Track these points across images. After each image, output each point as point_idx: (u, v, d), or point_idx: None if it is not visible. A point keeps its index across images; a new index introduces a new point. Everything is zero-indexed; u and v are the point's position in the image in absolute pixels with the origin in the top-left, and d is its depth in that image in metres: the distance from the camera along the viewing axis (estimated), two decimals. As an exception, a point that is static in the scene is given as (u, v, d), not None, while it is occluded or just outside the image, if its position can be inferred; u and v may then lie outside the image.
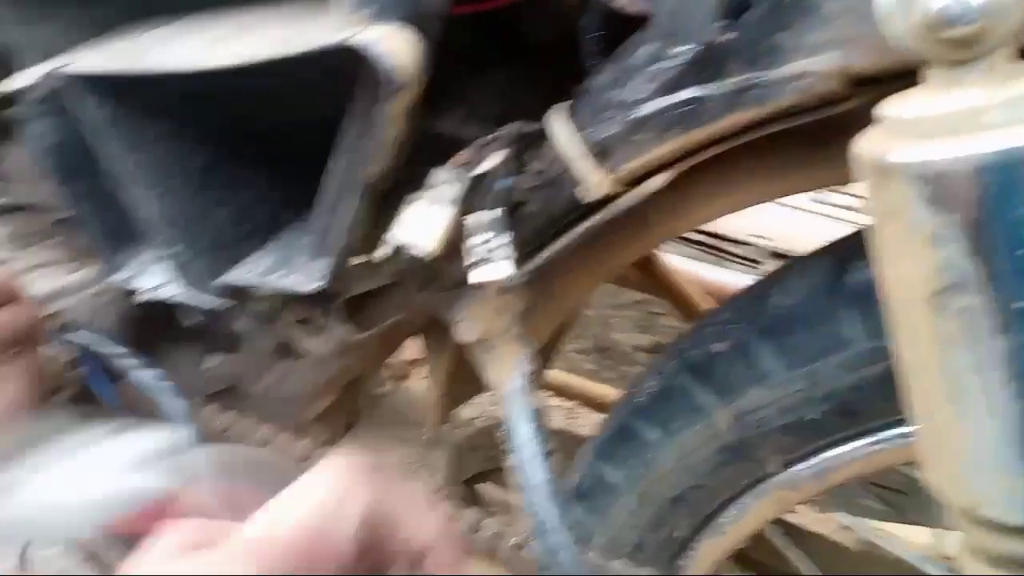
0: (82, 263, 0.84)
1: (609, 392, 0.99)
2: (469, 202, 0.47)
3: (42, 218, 0.85)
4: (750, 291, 0.58)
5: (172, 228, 0.59)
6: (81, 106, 0.55)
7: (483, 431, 0.92)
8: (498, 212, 0.46)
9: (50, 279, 0.81)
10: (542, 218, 0.50)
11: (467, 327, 0.56)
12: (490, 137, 0.49)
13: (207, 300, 0.62)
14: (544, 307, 0.59)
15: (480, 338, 0.56)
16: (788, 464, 0.58)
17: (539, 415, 0.55)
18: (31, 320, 0.68)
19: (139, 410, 0.81)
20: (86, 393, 0.78)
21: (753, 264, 1.33)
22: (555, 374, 1.01)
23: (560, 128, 0.47)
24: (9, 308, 0.67)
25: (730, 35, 0.41)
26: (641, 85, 0.45)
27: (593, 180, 0.47)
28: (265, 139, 0.60)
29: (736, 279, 0.97)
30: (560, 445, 0.57)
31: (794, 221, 1.38)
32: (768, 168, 0.49)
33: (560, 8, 0.51)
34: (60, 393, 0.77)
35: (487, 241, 0.46)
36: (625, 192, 0.48)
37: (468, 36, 0.56)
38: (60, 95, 0.56)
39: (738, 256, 1.34)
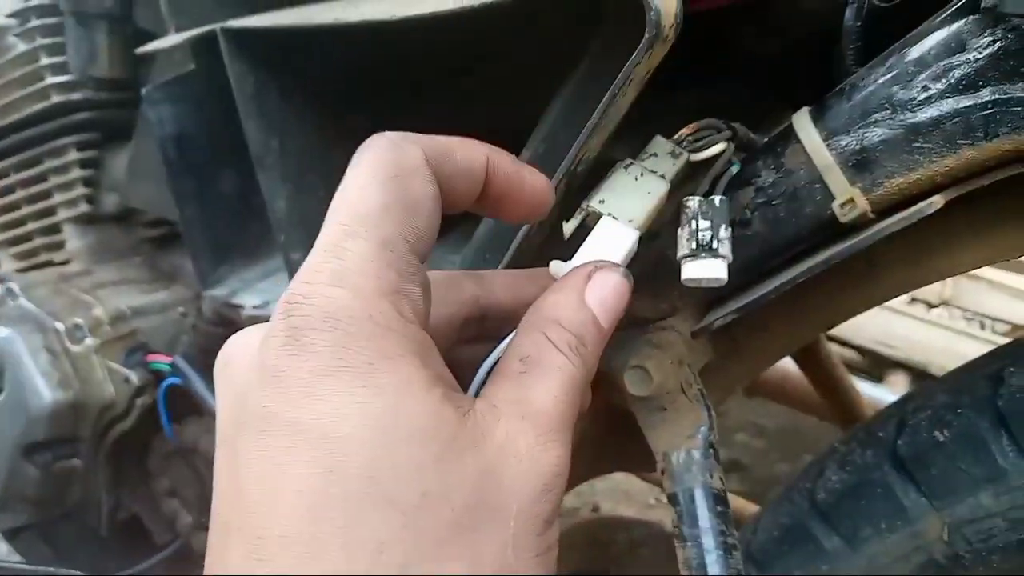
0: (164, 286, 0.77)
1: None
2: (683, 186, 0.39)
3: (129, 233, 0.78)
4: (977, 367, 0.48)
5: (297, 231, 0.51)
6: (234, 69, 0.48)
7: (584, 527, 0.80)
8: (723, 199, 0.38)
9: (129, 296, 0.73)
10: (764, 243, 0.41)
11: (638, 377, 0.46)
12: (718, 122, 0.40)
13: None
14: (732, 366, 0.49)
15: (652, 393, 0.46)
16: (1015, 594, 0.47)
17: (721, 498, 0.44)
18: None
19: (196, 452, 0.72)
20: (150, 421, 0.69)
21: (868, 375, 1.22)
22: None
23: (807, 133, 0.39)
24: None
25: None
26: (926, 83, 0.36)
27: (845, 198, 0.38)
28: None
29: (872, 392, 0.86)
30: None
31: (919, 330, 1.27)
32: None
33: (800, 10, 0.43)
34: (125, 419, 0.68)
35: (708, 229, 0.37)
36: (875, 220, 0.39)
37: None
38: (202, 62, 0.49)
39: (854, 364, 1.23)
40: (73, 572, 0.73)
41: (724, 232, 0.37)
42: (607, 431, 0.56)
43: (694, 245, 0.37)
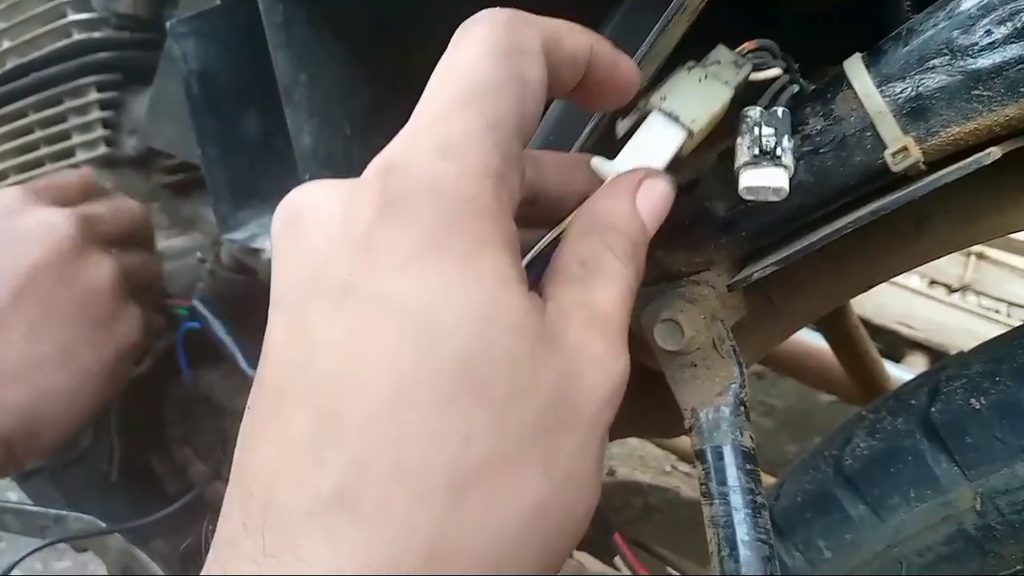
0: (181, 232, 0.76)
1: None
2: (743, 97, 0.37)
3: (148, 177, 0.77)
4: (1019, 336, 0.47)
5: (321, 169, 0.49)
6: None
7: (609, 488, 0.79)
8: (786, 110, 0.36)
9: (147, 241, 0.72)
10: (809, 194, 0.39)
11: (668, 331, 0.44)
12: (775, 46, 0.39)
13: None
14: (765, 324, 0.48)
15: (683, 348, 0.44)
16: (1043, 568, 0.46)
17: (751, 456, 0.43)
18: (135, 218, 0.61)
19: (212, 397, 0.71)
20: (165, 366, 0.68)
21: (887, 356, 1.21)
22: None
23: (860, 78, 0.37)
24: (108, 203, 0.60)
25: None
26: (989, 27, 0.35)
27: (898, 146, 0.36)
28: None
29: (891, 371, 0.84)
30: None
31: (940, 311, 1.25)
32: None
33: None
34: (139, 365, 0.67)
35: (772, 136, 0.36)
36: (926, 172, 0.37)
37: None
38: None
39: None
40: (84, 516, 0.72)
41: (787, 142, 0.36)
42: (626, 394, 0.55)
43: (756, 151, 0.36)
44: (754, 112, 0.37)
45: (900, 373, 1.00)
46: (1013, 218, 0.42)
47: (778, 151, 0.36)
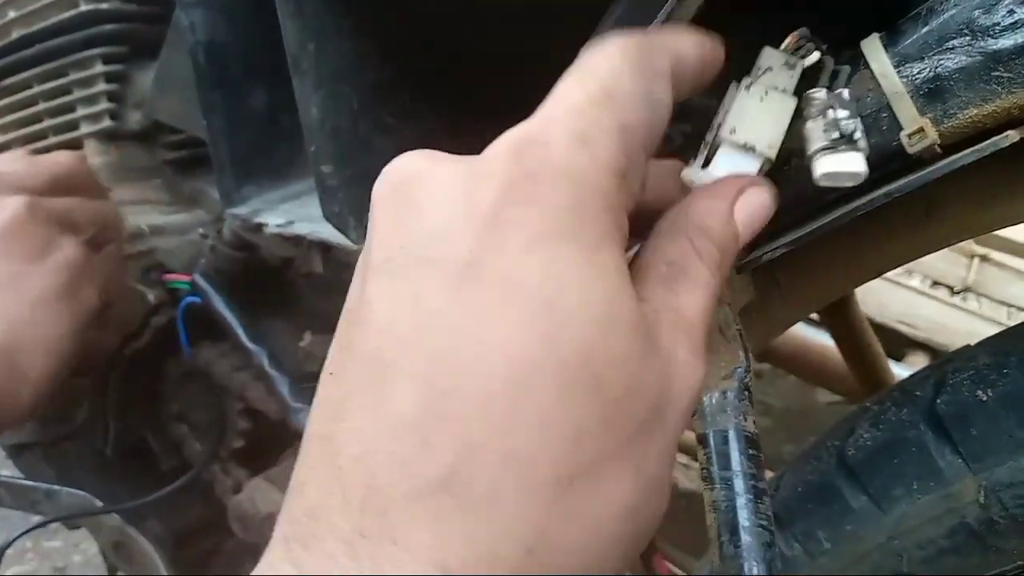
0: (184, 208, 0.75)
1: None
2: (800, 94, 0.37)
3: (151, 153, 0.76)
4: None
5: (326, 142, 0.49)
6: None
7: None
8: (850, 91, 0.36)
9: (147, 216, 0.72)
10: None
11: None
12: (808, 31, 0.38)
13: (347, 240, 0.51)
14: (772, 309, 0.47)
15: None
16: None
17: (754, 441, 0.43)
18: (106, 213, 0.61)
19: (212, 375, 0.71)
20: (163, 343, 0.67)
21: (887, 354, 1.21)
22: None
23: (877, 58, 0.37)
24: (83, 196, 0.60)
25: None
26: (1012, 7, 0.34)
27: (914, 127, 0.36)
28: (452, 73, 0.51)
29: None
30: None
31: (942, 312, 1.25)
32: None
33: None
34: (139, 338, 0.67)
35: (848, 118, 0.35)
36: (942, 156, 0.37)
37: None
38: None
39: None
40: (77, 491, 0.72)
41: (859, 124, 0.35)
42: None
43: (835, 135, 0.34)
44: (820, 95, 0.35)
45: (901, 372, 1.00)
46: (1026, 207, 0.42)
47: (856, 134, 0.34)
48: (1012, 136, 0.35)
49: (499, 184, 0.25)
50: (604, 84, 0.27)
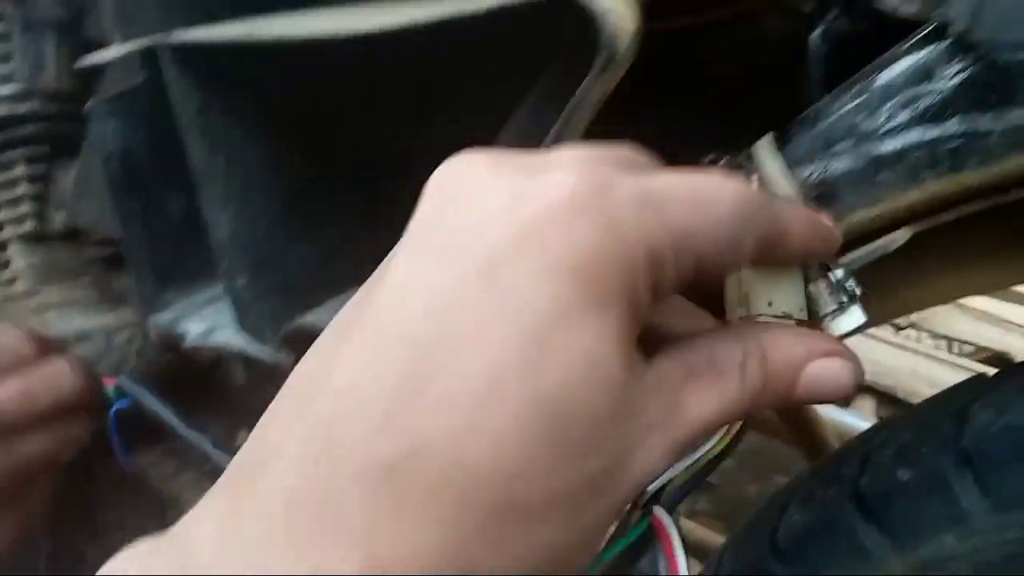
0: (112, 308, 0.74)
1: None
2: None
3: (77, 252, 0.75)
4: (942, 403, 0.47)
5: (241, 256, 0.49)
6: (177, 85, 0.46)
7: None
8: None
9: (73, 319, 0.71)
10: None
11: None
12: (714, 156, 0.39)
13: (266, 351, 0.51)
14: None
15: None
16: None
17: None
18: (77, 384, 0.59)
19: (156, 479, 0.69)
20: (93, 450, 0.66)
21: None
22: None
23: (768, 162, 0.38)
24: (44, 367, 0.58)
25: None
26: (891, 112, 0.35)
27: (807, 230, 0.37)
28: (367, 168, 0.51)
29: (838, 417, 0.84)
30: None
31: (886, 353, 1.26)
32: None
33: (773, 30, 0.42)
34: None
35: (845, 276, 0.34)
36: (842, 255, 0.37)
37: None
38: (150, 75, 0.47)
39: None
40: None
41: (855, 279, 0.35)
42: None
43: (844, 298, 0.35)
44: None
45: (846, 419, 1.01)
46: (935, 289, 0.42)
47: (858, 290, 0.34)
48: (900, 238, 0.35)
49: (547, 207, 0.25)
50: (712, 195, 0.28)
